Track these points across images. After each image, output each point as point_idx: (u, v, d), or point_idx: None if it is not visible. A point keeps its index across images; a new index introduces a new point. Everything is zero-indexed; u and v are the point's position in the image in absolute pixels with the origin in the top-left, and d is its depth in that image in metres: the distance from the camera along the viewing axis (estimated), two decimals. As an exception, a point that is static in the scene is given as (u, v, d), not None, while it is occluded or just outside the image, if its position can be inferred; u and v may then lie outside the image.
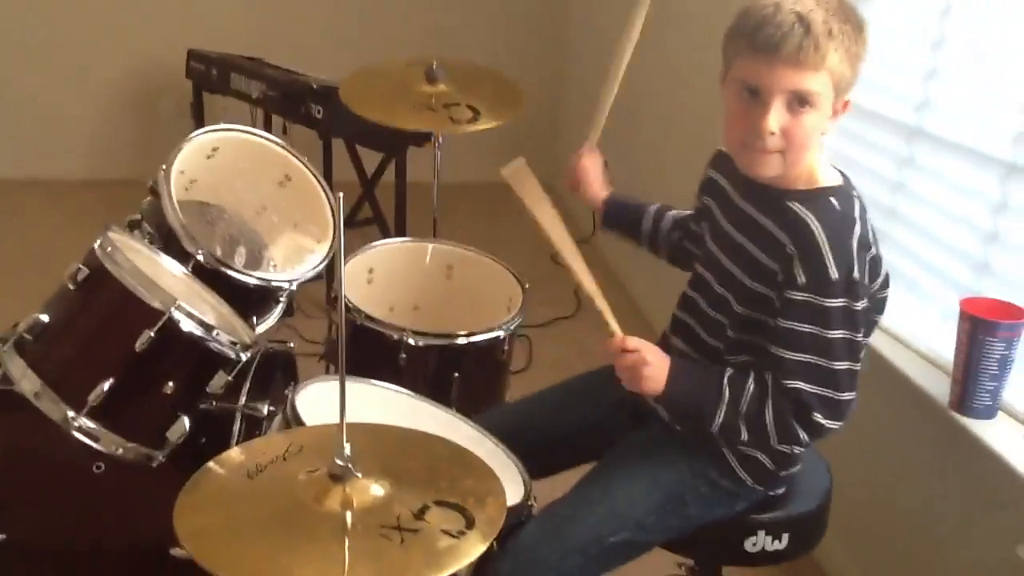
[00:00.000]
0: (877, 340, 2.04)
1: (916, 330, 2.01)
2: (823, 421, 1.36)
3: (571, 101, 4.64)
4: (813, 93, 1.32)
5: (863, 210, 1.40)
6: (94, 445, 1.51)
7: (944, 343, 1.88)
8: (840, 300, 1.34)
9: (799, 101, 1.33)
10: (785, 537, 1.54)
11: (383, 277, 2.18)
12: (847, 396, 1.37)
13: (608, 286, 1.45)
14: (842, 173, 1.45)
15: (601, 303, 1.45)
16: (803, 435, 1.37)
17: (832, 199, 1.38)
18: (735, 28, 1.37)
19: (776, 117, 1.33)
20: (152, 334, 1.49)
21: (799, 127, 1.34)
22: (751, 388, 1.38)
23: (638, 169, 3.69)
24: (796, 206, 1.38)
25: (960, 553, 1.84)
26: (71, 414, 1.49)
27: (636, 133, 3.74)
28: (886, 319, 2.05)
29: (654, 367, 1.39)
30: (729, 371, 1.41)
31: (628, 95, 1.98)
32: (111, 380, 1.49)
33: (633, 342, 1.41)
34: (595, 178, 1.82)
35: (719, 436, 1.43)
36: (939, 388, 1.83)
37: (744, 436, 1.40)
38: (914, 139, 2.05)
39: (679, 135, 3.30)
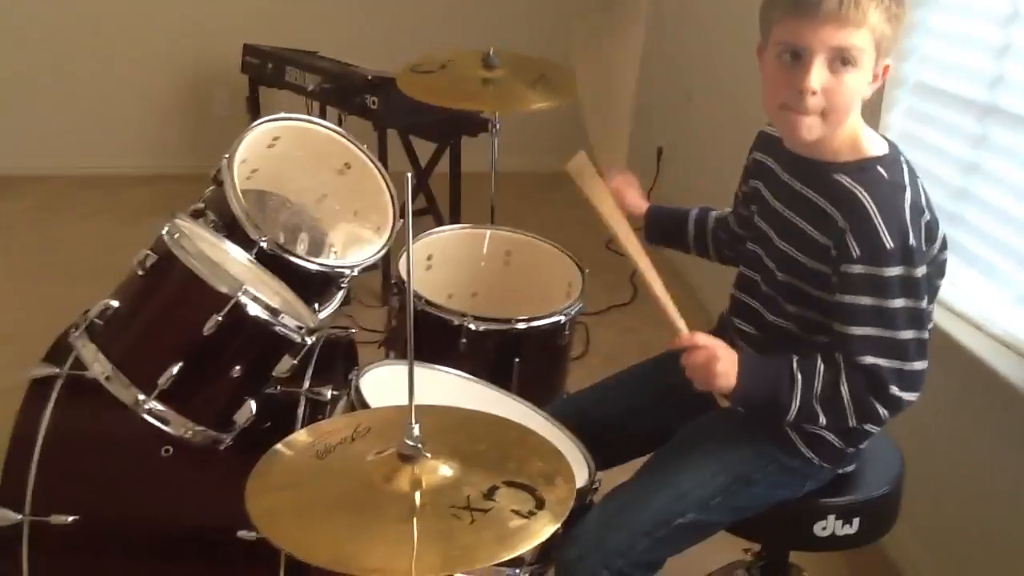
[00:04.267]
0: (951, 325, 1.99)
1: (991, 314, 1.95)
2: (900, 393, 1.33)
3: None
4: (855, 49, 1.31)
5: (912, 174, 1.37)
6: (164, 428, 1.53)
7: (1021, 325, 1.82)
8: (897, 268, 1.31)
9: (841, 59, 1.32)
10: (856, 521, 1.51)
11: (442, 264, 2.18)
12: (918, 366, 1.34)
13: (661, 274, 1.43)
14: (887, 140, 1.42)
15: (665, 299, 1.43)
16: (882, 410, 1.35)
17: (880, 168, 1.36)
18: None
19: (817, 76, 1.32)
20: (219, 318, 1.50)
21: (840, 86, 1.33)
22: (822, 369, 1.36)
23: (695, 158, 3.64)
24: (844, 179, 1.36)
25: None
26: (141, 397, 1.51)
27: (693, 122, 3.70)
28: (960, 302, 2.01)
29: (724, 362, 1.37)
30: (796, 357, 1.38)
31: (683, 78, 1.96)
32: (180, 364, 1.51)
33: (702, 338, 1.39)
34: (632, 195, 1.84)
35: (796, 422, 1.41)
36: (1017, 372, 1.78)
37: (822, 420, 1.37)
38: (987, 117, 1.98)
39: (737, 122, 3.24)
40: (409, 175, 1.12)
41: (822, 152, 1.40)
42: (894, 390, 1.33)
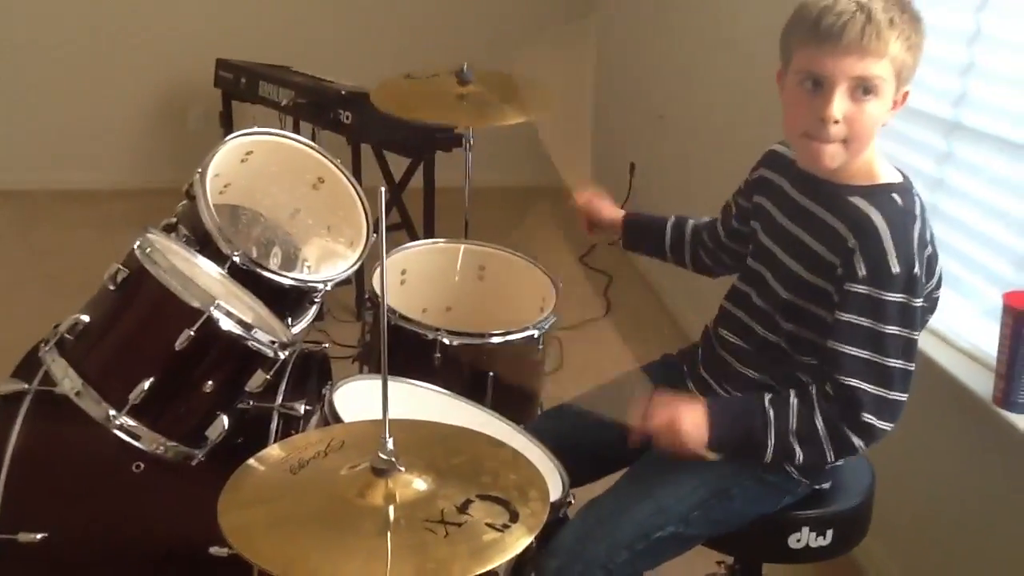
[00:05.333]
0: (920, 339, 2.01)
1: (958, 326, 1.99)
2: (874, 422, 1.34)
3: (595, 104, 4.63)
4: (876, 79, 1.32)
5: (923, 208, 1.39)
6: (136, 444, 1.51)
7: (986, 339, 1.86)
8: (899, 295, 1.33)
9: (863, 89, 1.33)
10: (829, 533, 1.52)
11: (416, 279, 2.19)
12: (897, 396, 1.35)
13: (640, 293, 1.44)
14: (901, 171, 1.44)
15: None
16: (857, 440, 1.36)
17: (894, 194, 1.38)
18: (795, 20, 1.37)
19: (839, 105, 1.32)
20: (192, 333, 1.49)
21: (862, 115, 1.33)
22: (795, 404, 1.37)
23: (667, 174, 3.68)
24: (858, 200, 1.37)
25: (1005, 550, 1.81)
26: (112, 413, 1.49)
27: (665, 140, 3.73)
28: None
29: (691, 421, 1.39)
30: (768, 395, 1.40)
31: (655, 97, 1.99)
32: (152, 379, 1.49)
33: (659, 414, 1.41)
34: (604, 207, 1.86)
35: (775, 461, 1.42)
36: (982, 384, 1.81)
37: (799, 456, 1.39)
38: (952, 134, 2.02)
39: (708, 140, 3.28)
40: (383, 189, 1.12)
41: (838, 175, 1.41)
42: (868, 418, 1.34)
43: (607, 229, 1.87)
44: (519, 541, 1.08)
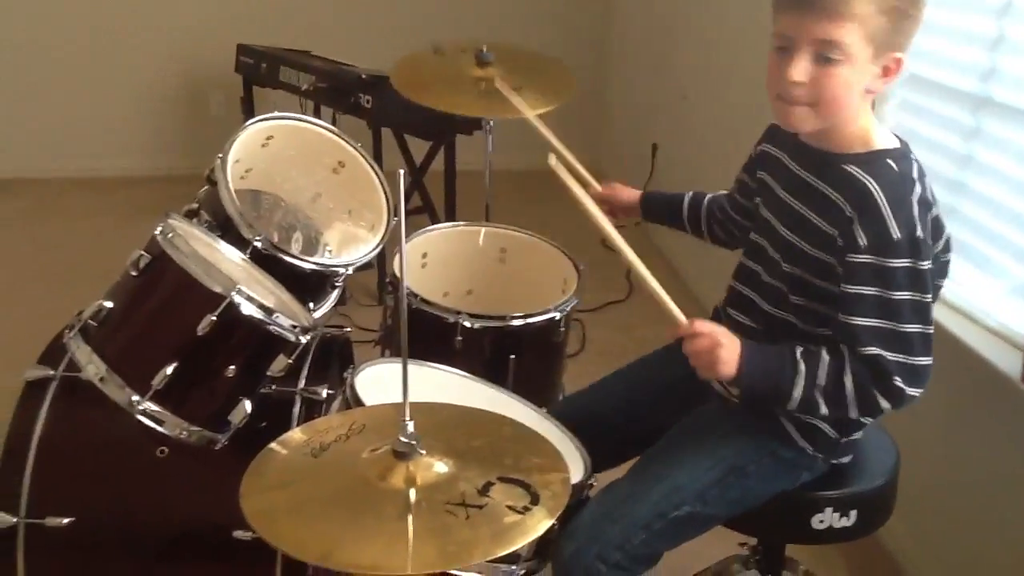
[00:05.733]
0: (945, 316, 1.99)
1: (985, 305, 1.96)
2: (904, 387, 1.33)
3: (616, 84, 4.60)
4: (840, 44, 1.30)
5: (922, 172, 1.38)
6: (159, 428, 1.52)
7: (1015, 317, 1.83)
8: (904, 260, 1.31)
9: (826, 52, 1.31)
10: (853, 514, 1.51)
11: (437, 262, 2.18)
12: (922, 360, 1.34)
13: (656, 267, 1.43)
14: (899, 137, 1.42)
15: (661, 291, 1.43)
16: (884, 402, 1.34)
17: (889, 160, 1.36)
18: None
19: (800, 67, 1.32)
20: (214, 318, 1.49)
21: (828, 79, 1.32)
22: (826, 360, 1.35)
23: (690, 155, 3.65)
24: (853, 169, 1.36)
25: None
26: (136, 398, 1.50)
27: (688, 120, 3.70)
28: (953, 294, 2.01)
29: (727, 349, 1.36)
30: (800, 346, 1.38)
31: (678, 76, 1.97)
32: (174, 364, 1.50)
33: (702, 325, 1.38)
34: (620, 191, 1.90)
35: (797, 411, 1.40)
36: (1010, 363, 1.78)
37: (823, 410, 1.37)
38: (981, 109, 1.99)
39: (731, 120, 3.25)
40: (402, 172, 1.12)
41: (832, 143, 1.41)
42: (898, 381, 1.33)
43: (629, 211, 1.90)
44: (540, 523, 1.09)
